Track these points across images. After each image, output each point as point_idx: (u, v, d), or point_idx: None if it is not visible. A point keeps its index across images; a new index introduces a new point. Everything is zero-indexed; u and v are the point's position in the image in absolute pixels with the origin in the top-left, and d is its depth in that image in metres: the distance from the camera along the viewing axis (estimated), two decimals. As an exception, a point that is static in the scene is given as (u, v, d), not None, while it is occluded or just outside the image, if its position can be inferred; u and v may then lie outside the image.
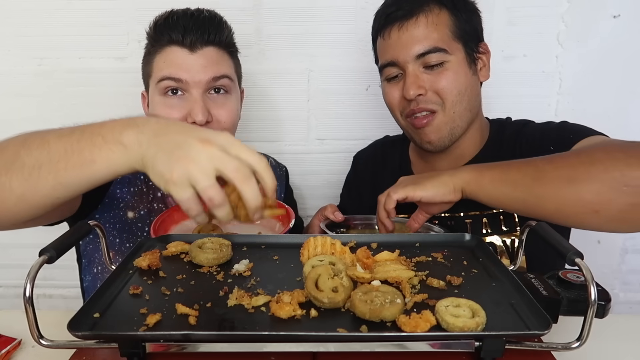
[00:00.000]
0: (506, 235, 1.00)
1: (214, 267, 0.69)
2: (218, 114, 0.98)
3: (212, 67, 0.97)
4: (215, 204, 0.57)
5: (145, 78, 1.04)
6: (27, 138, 0.67)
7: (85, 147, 0.63)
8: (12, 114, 1.42)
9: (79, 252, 1.05)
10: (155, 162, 0.59)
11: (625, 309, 1.58)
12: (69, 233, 0.65)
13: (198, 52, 0.96)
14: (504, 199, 0.81)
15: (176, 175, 0.57)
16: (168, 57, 0.96)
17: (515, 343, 0.55)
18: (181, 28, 0.95)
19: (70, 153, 0.63)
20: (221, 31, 0.99)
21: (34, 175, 0.64)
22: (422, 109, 0.98)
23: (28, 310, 0.52)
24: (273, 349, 0.54)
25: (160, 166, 0.58)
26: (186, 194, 0.57)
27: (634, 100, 1.39)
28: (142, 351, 0.53)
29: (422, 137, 1.01)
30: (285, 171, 1.29)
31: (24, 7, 1.34)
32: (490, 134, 1.08)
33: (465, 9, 0.99)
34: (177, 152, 0.58)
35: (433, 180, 0.85)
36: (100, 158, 0.62)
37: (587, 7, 1.33)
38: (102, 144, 0.62)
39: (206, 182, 0.56)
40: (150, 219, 1.02)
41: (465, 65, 0.98)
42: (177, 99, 0.97)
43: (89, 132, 0.64)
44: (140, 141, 0.61)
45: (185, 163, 0.57)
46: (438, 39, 0.95)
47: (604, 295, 0.60)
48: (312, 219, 1.10)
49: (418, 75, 0.97)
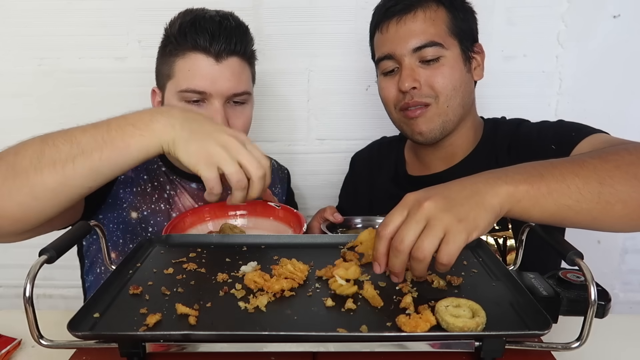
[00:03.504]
0: (498, 234, 1.00)
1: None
2: (235, 123, 0.99)
3: (235, 79, 0.97)
4: (242, 186, 0.70)
5: (160, 77, 1.02)
6: (46, 138, 0.71)
7: (117, 136, 0.70)
8: (12, 114, 1.42)
9: (81, 252, 1.05)
10: (189, 143, 0.70)
11: (625, 309, 1.58)
12: (69, 233, 0.65)
13: (223, 63, 0.95)
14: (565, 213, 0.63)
15: (209, 156, 0.69)
16: (193, 66, 0.95)
17: (515, 343, 0.55)
18: (208, 35, 0.93)
19: (102, 143, 0.69)
20: (246, 41, 1.00)
21: (68, 167, 0.68)
22: (416, 103, 0.99)
23: (28, 310, 0.52)
24: (273, 349, 0.54)
25: (193, 147, 0.69)
26: (214, 174, 0.69)
27: (634, 100, 1.39)
28: (142, 351, 0.53)
29: (414, 127, 1.01)
30: (287, 174, 1.29)
31: (24, 7, 1.34)
32: (484, 132, 1.08)
33: (462, 7, 1.01)
34: (211, 139, 0.70)
35: (478, 209, 0.59)
36: (134, 144, 0.70)
37: (587, 7, 1.33)
38: (133, 131, 0.70)
39: (235, 167, 0.69)
40: (154, 219, 1.02)
41: (461, 61, 0.99)
42: (197, 107, 0.97)
43: (116, 124, 0.71)
44: (173, 124, 0.71)
45: (219, 149, 0.69)
46: (435, 34, 0.97)
47: (604, 295, 0.59)
48: (312, 220, 1.10)
49: (414, 69, 0.98)
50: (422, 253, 0.56)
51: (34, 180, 0.68)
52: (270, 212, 1.00)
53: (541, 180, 0.62)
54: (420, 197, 0.60)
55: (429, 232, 0.56)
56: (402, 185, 1.12)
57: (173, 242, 0.79)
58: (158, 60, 1.03)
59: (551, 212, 0.63)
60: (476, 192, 0.61)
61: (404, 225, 0.58)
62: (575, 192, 0.62)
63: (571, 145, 0.88)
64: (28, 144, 0.71)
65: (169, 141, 0.70)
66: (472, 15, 1.04)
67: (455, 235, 0.55)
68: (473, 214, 0.57)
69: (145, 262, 0.71)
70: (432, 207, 0.57)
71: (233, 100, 0.99)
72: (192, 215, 0.97)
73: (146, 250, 0.75)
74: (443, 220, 0.56)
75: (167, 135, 0.70)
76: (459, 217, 0.57)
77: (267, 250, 0.76)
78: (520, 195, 0.61)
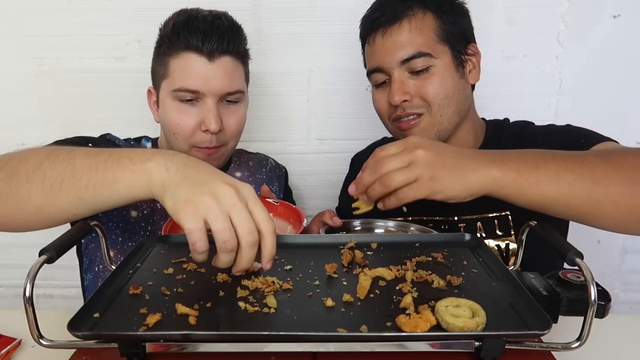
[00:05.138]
0: (500, 239, 1.00)
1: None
2: (228, 122, 1.00)
3: (227, 78, 0.98)
4: (228, 248, 0.57)
5: (155, 76, 1.04)
6: (54, 151, 0.69)
7: (109, 167, 0.64)
8: (12, 114, 1.42)
9: (80, 250, 1.05)
10: (178, 188, 0.59)
11: (625, 309, 1.58)
12: (69, 233, 0.65)
13: (216, 62, 0.96)
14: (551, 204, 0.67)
15: (195, 205, 0.56)
16: (187, 66, 0.95)
17: (515, 343, 0.55)
18: (200, 34, 0.94)
19: (94, 170, 0.65)
20: (239, 41, 0.99)
21: (55, 189, 0.66)
22: (408, 114, 0.98)
23: (28, 310, 0.52)
24: (273, 349, 0.54)
25: (182, 193, 0.58)
26: (198, 225, 0.56)
27: (634, 100, 1.39)
28: (142, 351, 0.53)
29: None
30: (285, 172, 1.29)
31: (24, 7, 1.34)
32: (487, 134, 1.07)
33: (451, 10, 0.98)
34: (203, 186, 0.58)
35: (455, 178, 0.67)
36: (123, 179, 0.64)
37: (587, 7, 1.33)
38: (127, 165, 0.64)
39: (225, 224, 0.56)
40: (153, 218, 1.02)
41: (452, 68, 0.97)
42: (190, 106, 0.97)
43: (118, 154, 0.66)
44: (168, 167, 0.62)
45: (208, 199, 0.57)
46: (422, 44, 0.95)
47: (604, 295, 0.59)
48: (310, 224, 1.08)
49: (403, 81, 0.96)
50: (389, 182, 0.67)
51: (22, 192, 0.67)
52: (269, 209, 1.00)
53: (533, 170, 0.66)
54: (419, 143, 0.69)
55: (405, 171, 0.67)
56: None
57: (173, 242, 0.78)
58: (153, 60, 1.04)
59: (536, 202, 0.67)
60: (465, 165, 0.67)
61: (392, 157, 0.68)
62: (564, 187, 0.65)
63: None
64: (36, 152, 0.70)
65: (159, 184, 0.61)
66: (463, 16, 1.01)
67: (420, 187, 0.66)
68: (447, 181, 0.66)
69: (145, 262, 0.71)
70: (421, 156, 0.67)
71: (226, 99, 0.99)
72: None
73: (146, 250, 0.75)
74: (421, 170, 0.66)
75: (158, 177, 0.62)
76: (433, 176, 0.66)
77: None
78: (506, 182, 0.66)
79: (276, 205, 1.00)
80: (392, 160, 0.68)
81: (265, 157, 1.26)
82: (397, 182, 0.67)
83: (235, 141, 1.05)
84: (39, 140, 1.44)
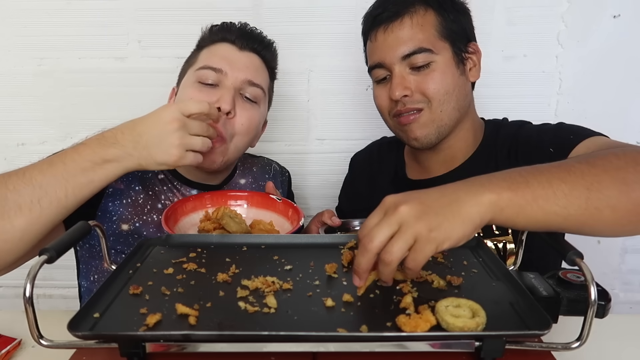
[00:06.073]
0: (498, 239, 1.00)
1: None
2: (240, 114, 1.00)
3: (252, 69, 1.02)
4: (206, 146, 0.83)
5: (183, 72, 1.06)
6: (5, 182, 0.73)
7: (78, 174, 0.73)
8: (12, 114, 1.42)
9: (77, 256, 1.03)
10: (152, 158, 0.77)
11: (625, 309, 1.58)
12: (69, 233, 0.65)
13: (244, 53, 1.02)
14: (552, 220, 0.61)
15: (176, 153, 0.78)
16: (216, 50, 1.02)
17: (515, 343, 0.55)
18: (236, 31, 1.03)
19: (65, 181, 0.73)
20: (269, 50, 1.07)
21: (35, 209, 0.72)
22: (408, 109, 0.98)
23: (28, 310, 0.52)
24: (273, 349, 0.54)
25: (159, 158, 0.78)
26: (196, 158, 0.81)
27: (634, 100, 1.40)
28: (142, 351, 0.53)
29: (409, 133, 1.01)
30: (288, 176, 1.27)
31: (24, 7, 1.34)
32: (485, 134, 1.07)
33: (452, 8, 0.99)
34: (164, 141, 0.77)
35: (452, 218, 0.57)
36: (97, 177, 0.76)
37: (587, 7, 1.33)
38: (92, 167, 0.75)
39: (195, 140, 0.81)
40: (147, 230, 0.98)
41: (453, 65, 0.98)
42: (210, 88, 0.99)
43: (71, 160, 0.75)
44: (128, 153, 0.76)
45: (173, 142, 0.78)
46: (423, 39, 0.96)
47: (604, 295, 0.59)
48: (309, 224, 1.08)
49: (404, 77, 0.97)
50: (389, 256, 0.55)
51: (2, 225, 0.70)
52: (270, 205, 1.01)
53: (526, 186, 0.60)
54: (398, 200, 0.59)
55: (399, 237, 0.55)
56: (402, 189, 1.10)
57: (173, 242, 0.78)
58: (185, 62, 1.08)
59: (537, 219, 0.60)
60: (455, 200, 0.58)
61: (377, 226, 0.57)
62: (561, 198, 0.60)
63: (569, 148, 0.87)
64: None
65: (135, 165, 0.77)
66: (464, 15, 1.02)
67: (424, 244, 0.55)
68: (447, 224, 0.56)
69: (145, 262, 0.71)
70: (407, 212, 0.56)
71: (245, 94, 1.00)
72: (194, 200, 0.98)
73: (146, 250, 0.75)
74: (414, 227, 0.55)
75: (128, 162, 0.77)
76: (430, 226, 0.55)
77: (267, 250, 0.76)
78: (504, 203, 0.59)
79: (277, 202, 1.01)
80: (379, 230, 0.57)
81: (268, 162, 1.24)
82: (398, 253, 0.55)
83: (241, 140, 1.02)
84: (39, 140, 1.45)
